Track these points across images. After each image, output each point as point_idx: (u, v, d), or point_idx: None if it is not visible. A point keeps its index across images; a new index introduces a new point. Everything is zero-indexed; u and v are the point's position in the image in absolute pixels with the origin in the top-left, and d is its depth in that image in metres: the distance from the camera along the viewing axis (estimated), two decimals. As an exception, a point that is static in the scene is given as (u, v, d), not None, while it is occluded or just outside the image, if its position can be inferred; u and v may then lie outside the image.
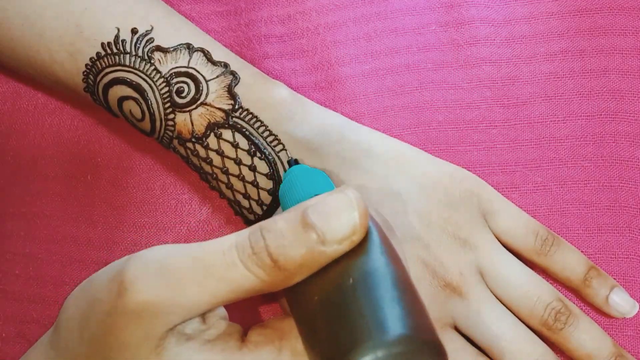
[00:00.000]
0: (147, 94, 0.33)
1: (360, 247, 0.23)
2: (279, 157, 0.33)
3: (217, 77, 0.33)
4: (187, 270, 0.23)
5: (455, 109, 0.36)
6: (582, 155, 0.35)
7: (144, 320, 0.23)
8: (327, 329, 0.21)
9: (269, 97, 0.33)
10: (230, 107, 0.33)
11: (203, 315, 0.25)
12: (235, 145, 0.33)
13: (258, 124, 0.33)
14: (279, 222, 0.23)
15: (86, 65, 0.34)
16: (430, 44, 0.37)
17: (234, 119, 0.33)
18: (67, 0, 0.34)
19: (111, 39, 0.33)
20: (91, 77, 0.34)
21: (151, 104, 0.33)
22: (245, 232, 0.24)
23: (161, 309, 0.23)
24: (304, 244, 0.23)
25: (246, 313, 0.35)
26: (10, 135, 0.40)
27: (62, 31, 0.34)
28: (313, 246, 0.23)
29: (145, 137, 0.38)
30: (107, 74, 0.34)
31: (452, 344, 0.31)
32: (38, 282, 0.38)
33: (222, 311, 0.26)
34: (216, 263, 0.23)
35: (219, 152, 0.33)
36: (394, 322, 0.21)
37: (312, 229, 0.23)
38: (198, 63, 0.33)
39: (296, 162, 0.32)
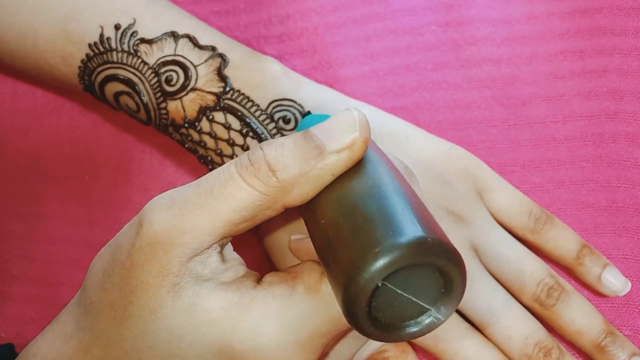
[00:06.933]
0: (137, 86, 0.33)
1: (364, 163, 0.24)
2: (271, 135, 0.33)
3: (206, 61, 0.33)
4: (191, 195, 0.24)
5: (455, 109, 0.36)
6: (581, 156, 0.35)
7: (159, 253, 0.23)
8: (342, 240, 0.21)
9: (259, 76, 0.33)
10: (221, 89, 0.33)
11: (222, 255, 0.25)
12: (228, 127, 0.33)
13: (250, 104, 0.33)
14: (282, 138, 0.24)
15: (79, 67, 0.34)
16: (430, 44, 0.37)
17: (225, 100, 0.33)
18: (51, 5, 0.34)
19: (97, 39, 0.34)
20: (86, 77, 0.34)
21: (143, 95, 0.33)
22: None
23: (172, 239, 0.23)
24: (303, 154, 0.23)
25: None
26: (10, 136, 0.40)
27: (52, 38, 0.34)
28: (312, 156, 0.23)
29: (142, 138, 0.38)
30: (99, 72, 0.34)
31: None
32: (36, 283, 0.38)
33: (240, 259, 0.27)
34: (216, 182, 0.23)
35: (212, 135, 0.33)
36: (407, 226, 0.21)
37: (312, 140, 0.23)
38: (185, 49, 0.33)
39: (309, 113, 0.32)
